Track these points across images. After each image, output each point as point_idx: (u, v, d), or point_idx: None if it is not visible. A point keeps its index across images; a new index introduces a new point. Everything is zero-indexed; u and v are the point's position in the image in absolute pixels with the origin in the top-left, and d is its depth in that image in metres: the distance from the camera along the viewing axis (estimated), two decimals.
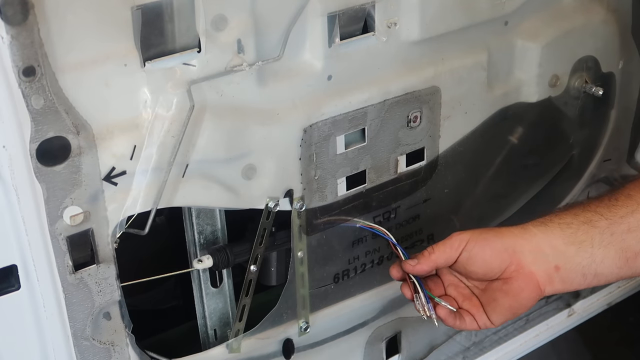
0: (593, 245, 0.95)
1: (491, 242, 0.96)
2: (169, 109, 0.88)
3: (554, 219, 0.97)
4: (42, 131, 0.80)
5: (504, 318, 0.98)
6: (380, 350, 1.24)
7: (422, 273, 0.99)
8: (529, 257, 0.95)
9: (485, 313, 0.98)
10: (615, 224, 0.95)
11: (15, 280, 0.85)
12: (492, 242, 0.96)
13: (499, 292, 0.97)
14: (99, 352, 0.94)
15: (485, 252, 0.96)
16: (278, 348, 1.11)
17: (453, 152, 1.17)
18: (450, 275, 1.01)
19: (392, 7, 1.02)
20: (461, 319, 0.99)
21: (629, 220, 0.95)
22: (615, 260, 0.95)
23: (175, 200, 0.93)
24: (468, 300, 1.00)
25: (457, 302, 1.00)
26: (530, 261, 0.95)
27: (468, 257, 0.96)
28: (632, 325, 1.68)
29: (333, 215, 1.08)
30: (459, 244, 0.96)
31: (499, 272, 0.96)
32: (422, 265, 0.98)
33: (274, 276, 1.12)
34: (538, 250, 0.95)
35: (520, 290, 0.96)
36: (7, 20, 0.74)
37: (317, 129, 1.01)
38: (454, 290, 1.01)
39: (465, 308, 0.99)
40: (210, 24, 0.88)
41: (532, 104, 1.23)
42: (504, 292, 0.96)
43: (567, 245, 0.95)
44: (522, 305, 0.97)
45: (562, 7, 1.22)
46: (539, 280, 0.95)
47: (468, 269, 0.97)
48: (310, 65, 0.99)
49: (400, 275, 1.01)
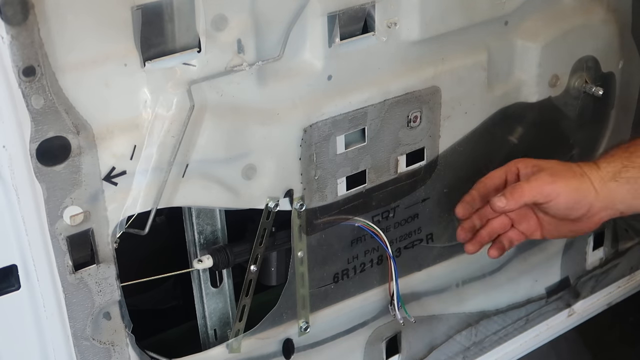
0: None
1: (577, 201, 1.02)
2: (169, 108, 0.88)
3: (622, 171, 1.03)
4: (42, 131, 0.80)
5: (558, 237, 1.13)
6: (380, 350, 1.24)
7: (510, 211, 1.05)
8: (603, 212, 1.04)
9: (542, 233, 1.09)
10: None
11: (15, 280, 0.85)
12: (578, 201, 1.02)
13: (565, 228, 1.07)
14: (99, 352, 0.94)
15: (569, 204, 1.02)
16: (278, 348, 1.11)
17: (453, 152, 1.17)
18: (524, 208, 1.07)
19: (392, 7, 1.02)
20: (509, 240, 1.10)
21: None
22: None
23: (175, 200, 0.93)
24: (532, 225, 1.09)
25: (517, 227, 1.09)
26: (603, 212, 1.04)
27: (553, 204, 1.03)
28: (632, 325, 1.67)
29: (333, 215, 1.08)
30: (548, 194, 1.02)
31: (574, 218, 1.04)
32: (511, 204, 1.02)
33: (274, 276, 1.12)
34: (611, 206, 1.04)
35: (585, 229, 1.07)
36: (7, 20, 0.74)
37: (317, 129, 1.01)
38: (522, 221, 1.09)
39: (522, 230, 1.09)
40: (210, 24, 0.88)
41: (532, 104, 1.23)
42: (571, 230, 1.07)
43: (635, 199, 1.04)
44: (581, 234, 1.11)
45: (562, 7, 1.22)
46: (603, 220, 1.06)
47: (548, 211, 1.04)
48: (310, 65, 0.99)
49: (466, 214, 1.07)
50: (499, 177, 1.08)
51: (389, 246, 1.12)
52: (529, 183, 1.02)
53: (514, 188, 1.02)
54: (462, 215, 1.07)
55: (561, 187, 1.01)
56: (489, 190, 1.07)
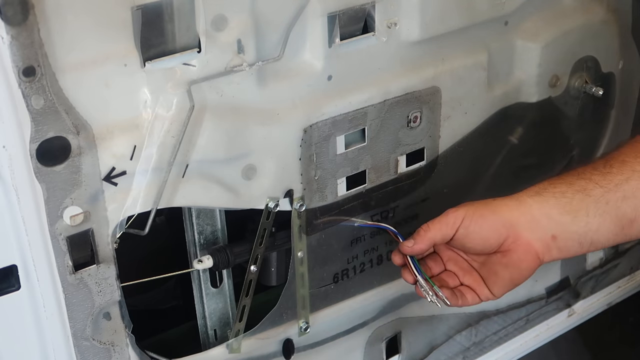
0: (588, 214, 0.94)
1: (487, 218, 0.96)
2: (169, 109, 0.88)
3: (549, 187, 0.97)
4: (42, 131, 0.80)
5: (505, 289, 0.99)
6: (380, 350, 1.24)
7: (420, 252, 0.99)
8: (526, 228, 0.95)
9: (487, 286, 0.99)
10: (610, 192, 0.94)
11: (15, 281, 0.85)
12: (488, 218, 0.96)
13: (499, 264, 0.97)
14: (99, 353, 0.94)
15: (482, 228, 0.96)
16: (278, 348, 1.11)
17: (453, 152, 1.17)
18: (449, 251, 1.02)
19: (392, 7, 1.02)
20: (463, 297, 0.99)
21: (624, 188, 0.94)
22: (611, 228, 0.95)
23: (175, 201, 0.93)
24: (468, 274, 1.00)
25: (458, 277, 1.00)
26: (527, 233, 0.95)
27: (465, 234, 0.96)
28: (632, 325, 1.67)
29: (333, 215, 1.08)
30: (454, 221, 0.96)
31: (497, 246, 0.96)
32: (419, 244, 0.98)
33: (274, 276, 1.12)
34: (534, 221, 0.95)
35: (519, 262, 0.96)
36: (7, 21, 0.74)
37: (317, 129, 1.01)
38: (453, 265, 1.01)
39: (467, 283, 1.00)
40: (210, 24, 0.88)
41: (532, 104, 1.23)
42: (504, 264, 0.97)
43: (562, 215, 0.95)
44: (522, 275, 0.97)
45: (562, 7, 1.22)
46: (537, 250, 0.96)
47: (466, 245, 0.98)
48: (310, 65, 0.99)
49: (401, 261, 1.01)
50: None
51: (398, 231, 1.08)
52: (433, 221, 0.98)
53: (421, 227, 0.98)
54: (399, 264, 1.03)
55: (463, 210, 0.96)
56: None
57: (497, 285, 0.98)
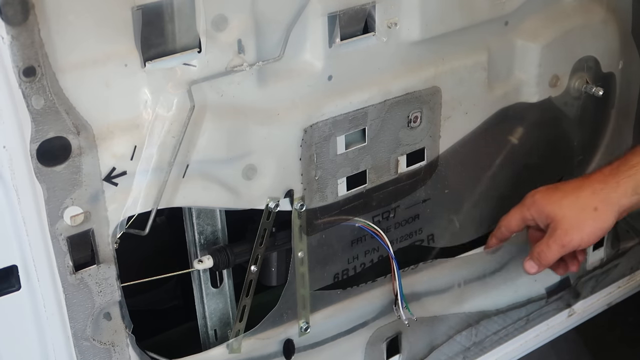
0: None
1: (597, 235, 1.08)
2: (169, 109, 0.88)
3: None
4: (43, 131, 0.80)
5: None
6: (380, 350, 1.24)
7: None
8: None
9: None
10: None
11: (15, 281, 0.85)
12: (598, 235, 1.08)
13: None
14: (100, 353, 0.94)
15: (591, 240, 1.09)
16: (278, 348, 1.11)
17: (453, 152, 1.17)
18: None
19: (393, 8, 1.02)
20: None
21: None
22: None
23: (176, 201, 0.93)
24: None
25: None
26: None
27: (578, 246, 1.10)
28: (632, 325, 1.67)
29: (333, 215, 1.08)
30: (571, 246, 1.09)
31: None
32: (542, 267, 1.12)
33: (274, 276, 1.12)
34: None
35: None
36: (8, 21, 0.74)
37: (317, 129, 1.01)
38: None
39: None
40: (210, 24, 0.88)
41: (533, 104, 1.23)
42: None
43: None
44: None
45: (562, 7, 1.22)
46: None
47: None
48: (310, 65, 0.99)
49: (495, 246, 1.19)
50: (516, 224, 1.15)
51: (390, 246, 1.12)
52: (549, 247, 1.09)
53: (540, 254, 1.10)
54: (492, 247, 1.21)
55: (579, 238, 1.07)
56: (512, 231, 1.17)
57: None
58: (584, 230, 1.07)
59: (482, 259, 1.28)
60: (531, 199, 1.12)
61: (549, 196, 1.10)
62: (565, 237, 1.07)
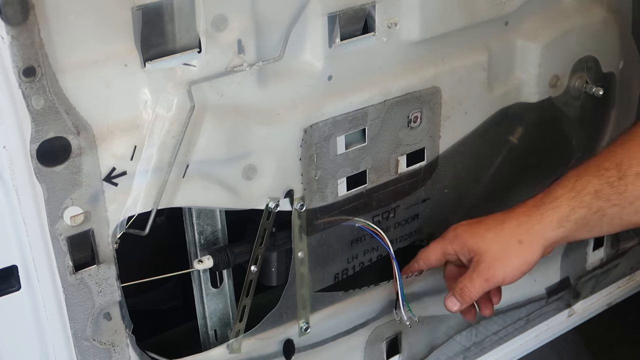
0: (601, 229, 1.01)
1: (523, 271, 1.04)
2: (169, 109, 0.88)
3: (570, 215, 0.99)
4: (43, 131, 0.80)
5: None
6: (380, 350, 1.24)
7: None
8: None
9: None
10: (625, 209, 0.97)
11: (15, 281, 0.85)
12: (524, 271, 1.04)
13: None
14: (100, 353, 0.94)
15: (517, 276, 1.04)
16: (278, 348, 1.11)
17: (453, 152, 1.17)
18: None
19: (393, 8, 1.02)
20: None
21: (637, 204, 0.97)
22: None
23: (176, 201, 0.93)
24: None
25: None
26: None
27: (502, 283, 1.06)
28: (632, 325, 1.68)
29: (333, 215, 1.08)
30: (495, 282, 1.04)
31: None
32: (464, 305, 1.08)
33: (274, 276, 1.12)
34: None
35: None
36: (8, 21, 0.74)
37: (317, 129, 1.01)
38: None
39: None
40: (210, 24, 0.88)
41: (533, 104, 1.23)
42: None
43: (577, 232, 1.01)
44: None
45: (562, 7, 1.22)
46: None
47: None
48: (310, 65, 0.99)
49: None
50: (436, 258, 1.11)
51: (391, 246, 1.12)
52: (472, 282, 1.04)
53: (462, 289, 1.05)
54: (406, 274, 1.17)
55: (503, 272, 1.03)
56: (430, 265, 1.13)
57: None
58: (508, 264, 1.02)
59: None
60: (453, 233, 1.08)
61: (472, 230, 1.06)
62: (489, 271, 1.03)
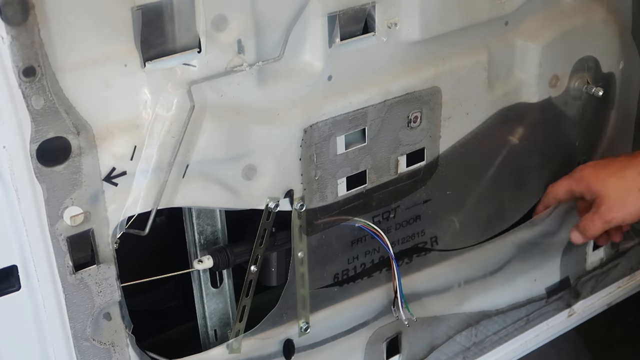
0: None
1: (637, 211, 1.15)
2: (169, 109, 0.88)
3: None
4: (43, 131, 0.80)
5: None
6: (380, 350, 1.24)
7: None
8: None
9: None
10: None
11: (15, 281, 0.85)
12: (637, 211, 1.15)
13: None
14: (100, 353, 0.94)
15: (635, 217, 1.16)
16: (278, 348, 1.11)
17: (454, 152, 1.17)
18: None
19: (393, 8, 1.02)
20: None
21: None
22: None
23: (176, 201, 0.93)
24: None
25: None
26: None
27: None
28: (632, 325, 1.68)
29: (333, 215, 1.08)
30: (616, 222, 1.17)
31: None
32: (586, 239, 1.21)
33: (274, 276, 1.12)
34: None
35: None
36: (7, 21, 0.74)
37: (317, 129, 1.01)
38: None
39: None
40: (210, 24, 0.88)
41: (533, 105, 1.23)
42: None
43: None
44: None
45: (562, 7, 1.22)
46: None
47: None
48: (310, 65, 0.99)
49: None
50: (563, 194, 1.23)
51: (391, 247, 1.12)
52: (594, 222, 1.17)
53: (585, 227, 1.19)
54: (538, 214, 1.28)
55: (622, 216, 1.15)
56: (558, 200, 1.25)
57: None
58: (627, 210, 1.14)
59: (483, 259, 1.28)
60: (580, 174, 1.19)
61: (596, 173, 1.17)
62: (609, 215, 1.15)
